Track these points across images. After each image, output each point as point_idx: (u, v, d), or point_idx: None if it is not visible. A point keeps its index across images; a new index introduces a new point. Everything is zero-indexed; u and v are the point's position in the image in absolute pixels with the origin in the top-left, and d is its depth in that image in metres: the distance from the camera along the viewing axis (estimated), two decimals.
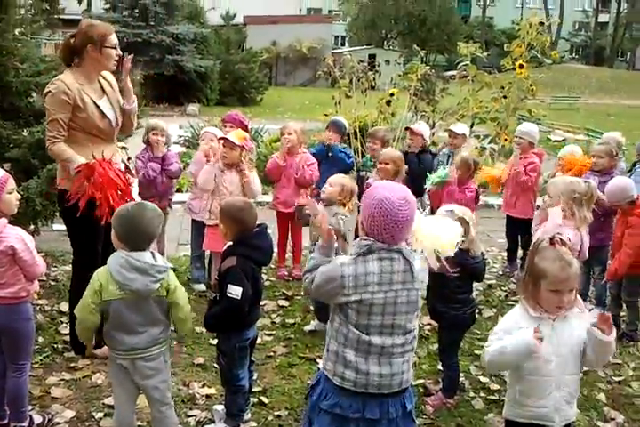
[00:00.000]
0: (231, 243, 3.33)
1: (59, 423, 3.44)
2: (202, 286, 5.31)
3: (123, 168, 4.12)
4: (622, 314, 5.00)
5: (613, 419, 3.75)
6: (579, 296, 2.69)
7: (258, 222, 3.38)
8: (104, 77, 4.07)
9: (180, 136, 11.41)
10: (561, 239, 2.63)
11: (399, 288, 2.45)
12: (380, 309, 2.46)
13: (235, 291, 3.13)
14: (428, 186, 5.31)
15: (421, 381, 3.99)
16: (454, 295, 3.68)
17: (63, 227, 6.25)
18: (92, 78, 3.98)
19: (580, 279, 2.69)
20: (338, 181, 4.62)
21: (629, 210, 4.63)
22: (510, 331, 2.62)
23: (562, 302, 2.55)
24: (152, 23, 22.39)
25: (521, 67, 8.85)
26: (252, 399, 3.64)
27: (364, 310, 2.46)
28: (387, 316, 2.46)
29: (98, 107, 3.91)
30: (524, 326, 2.60)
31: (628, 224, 4.60)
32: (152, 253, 3.01)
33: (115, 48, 3.94)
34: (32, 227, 5.39)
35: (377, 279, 2.44)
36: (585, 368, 2.80)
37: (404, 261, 2.46)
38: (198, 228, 5.33)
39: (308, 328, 4.67)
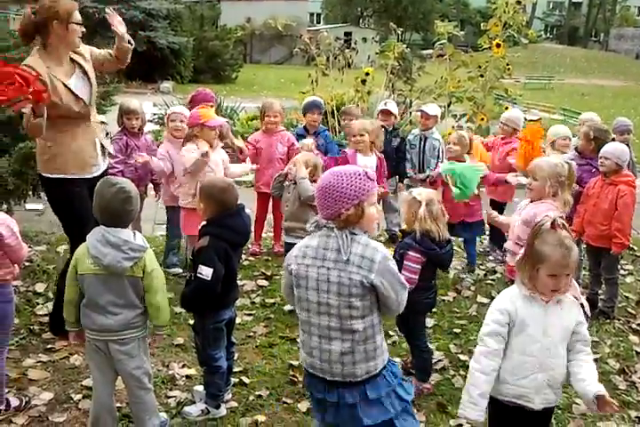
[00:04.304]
0: (205, 222, 3.29)
1: (36, 406, 3.40)
2: (178, 270, 5.23)
3: (99, 148, 4.03)
4: (600, 292, 5.07)
5: None
6: (574, 281, 2.69)
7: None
8: (75, 52, 3.88)
9: (155, 114, 11.23)
10: (563, 223, 2.60)
11: (331, 266, 2.42)
12: (314, 284, 2.46)
13: (205, 271, 3.10)
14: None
15: (399, 359, 4.00)
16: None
17: (36, 206, 6.16)
18: (61, 59, 3.79)
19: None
20: (301, 160, 4.60)
21: (615, 178, 4.67)
22: (505, 311, 2.63)
23: (558, 285, 2.56)
24: None
25: (498, 46, 8.83)
26: (232, 380, 3.63)
27: (302, 284, 2.49)
28: (321, 293, 2.45)
29: (69, 89, 3.75)
30: (518, 304, 2.62)
31: (620, 194, 4.63)
32: (134, 232, 2.97)
33: (80, 24, 3.76)
34: (4, 206, 5.27)
35: (313, 253, 2.46)
36: None
37: (336, 241, 2.41)
38: (175, 217, 5.21)
39: (287, 308, 4.64)
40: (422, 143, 6.11)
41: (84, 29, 3.83)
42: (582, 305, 2.75)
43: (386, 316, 2.61)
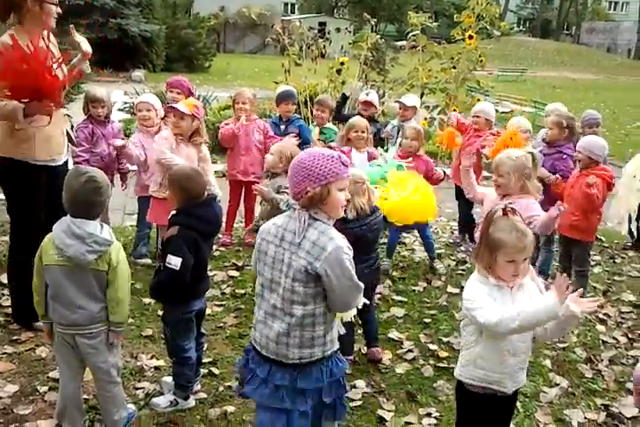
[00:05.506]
0: (175, 212, 3.25)
1: (1, 398, 3.34)
2: (147, 260, 5.18)
3: (65, 137, 3.97)
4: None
5: (558, 384, 3.85)
6: (530, 266, 2.71)
7: (208, 193, 3.31)
8: (46, 38, 3.79)
9: (126, 103, 11.10)
10: (512, 208, 2.63)
11: (286, 247, 2.43)
12: (270, 260, 2.48)
13: (174, 261, 3.07)
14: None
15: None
16: None
17: (1, 196, 6.03)
18: (36, 38, 3.70)
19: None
20: (276, 149, 4.50)
21: (591, 170, 4.67)
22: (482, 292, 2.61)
23: (517, 270, 2.59)
24: None
25: (470, 37, 8.87)
26: (202, 370, 3.61)
27: (261, 259, 2.52)
28: (275, 271, 2.47)
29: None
30: (495, 290, 2.60)
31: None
32: (102, 225, 2.92)
33: (56, 4, 3.72)
34: None
35: (275, 231, 2.49)
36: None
37: (294, 224, 2.42)
38: (147, 207, 5.14)
39: None
40: (399, 134, 6.11)
41: (60, 11, 3.78)
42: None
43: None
